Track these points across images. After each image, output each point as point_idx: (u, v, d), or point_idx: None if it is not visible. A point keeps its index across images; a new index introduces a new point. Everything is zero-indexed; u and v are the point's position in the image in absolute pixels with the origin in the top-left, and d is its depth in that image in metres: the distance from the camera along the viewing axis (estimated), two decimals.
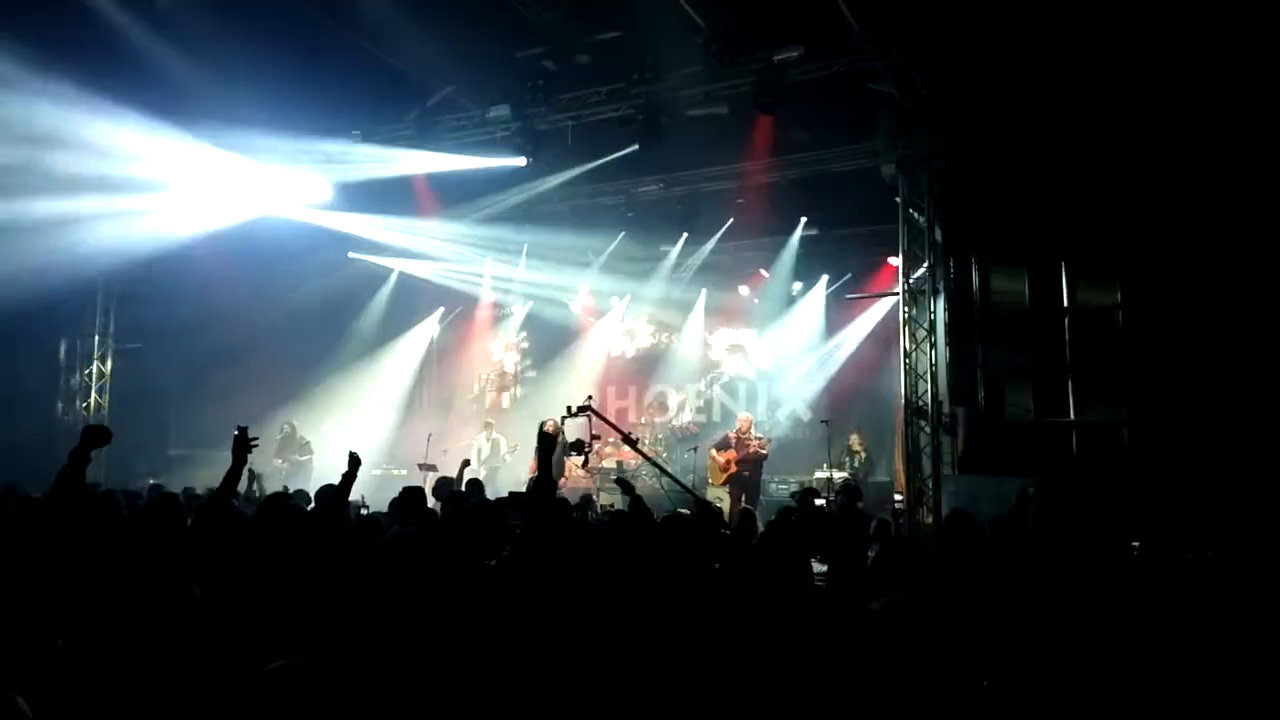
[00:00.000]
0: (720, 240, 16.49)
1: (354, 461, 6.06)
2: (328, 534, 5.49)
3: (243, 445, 5.15)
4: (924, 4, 11.21)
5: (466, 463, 10.59)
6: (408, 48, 11.91)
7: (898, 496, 11.17)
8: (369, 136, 13.96)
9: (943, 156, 11.50)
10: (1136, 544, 6.92)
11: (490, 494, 9.51)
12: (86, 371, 16.39)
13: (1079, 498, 9.90)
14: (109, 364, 16.51)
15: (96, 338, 16.41)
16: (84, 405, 16.23)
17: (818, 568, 5.28)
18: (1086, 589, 4.99)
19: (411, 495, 6.97)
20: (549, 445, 4.75)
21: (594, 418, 8.06)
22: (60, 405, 16.28)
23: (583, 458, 9.34)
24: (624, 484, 7.56)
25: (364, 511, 8.71)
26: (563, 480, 12.78)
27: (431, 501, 8.39)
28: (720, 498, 13.32)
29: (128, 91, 12.16)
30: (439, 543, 4.88)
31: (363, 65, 12.47)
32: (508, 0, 11.18)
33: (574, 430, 11.58)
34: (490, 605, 4.09)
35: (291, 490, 10.33)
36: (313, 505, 7.61)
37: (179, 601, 3.30)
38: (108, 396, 16.41)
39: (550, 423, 10.58)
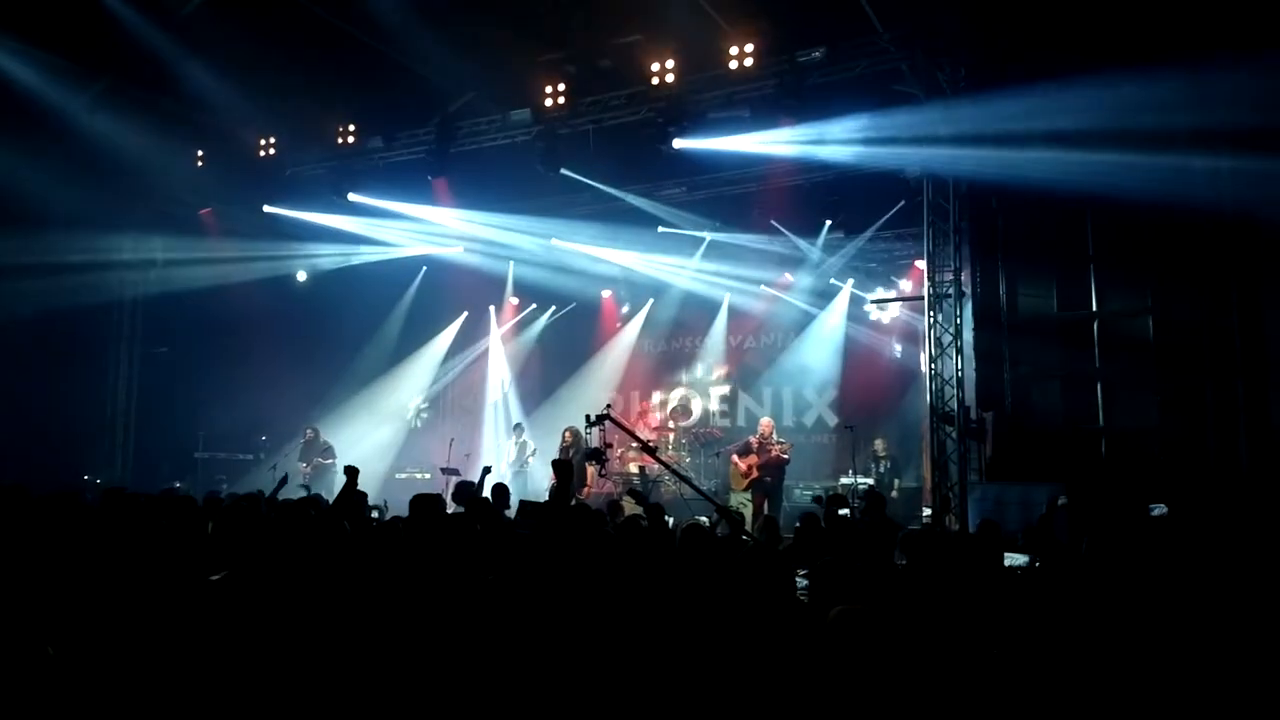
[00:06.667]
0: (745, 244, 16.35)
1: (351, 474, 6.07)
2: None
3: None
4: (948, 4, 11.09)
5: (489, 469, 10.51)
6: (429, 52, 11.91)
7: (926, 510, 10.96)
8: (390, 142, 14.00)
9: (969, 159, 11.30)
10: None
11: (516, 499, 9.46)
12: (114, 375, 16.48)
13: (1110, 504, 9.72)
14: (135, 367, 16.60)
15: (123, 341, 16.49)
16: (111, 408, 16.31)
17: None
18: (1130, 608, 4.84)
19: (423, 503, 6.86)
20: (566, 473, 4.74)
21: (613, 425, 8.00)
22: (88, 407, 16.36)
23: (599, 465, 9.27)
24: (637, 495, 7.51)
25: (375, 514, 8.64)
26: (585, 490, 12.69)
27: (452, 506, 8.35)
28: (743, 503, 13.21)
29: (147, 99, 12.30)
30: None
31: (385, 72, 12.50)
32: (529, 4, 11.17)
33: (596, 436, 11.53)
34: (491, 617, 4.05)
35: (312, 493, 10.36)
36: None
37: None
38: (135, 399, 16.50)
39: (569, 430, 10.59)
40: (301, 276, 18.03)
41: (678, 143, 12.02)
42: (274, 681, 3.69)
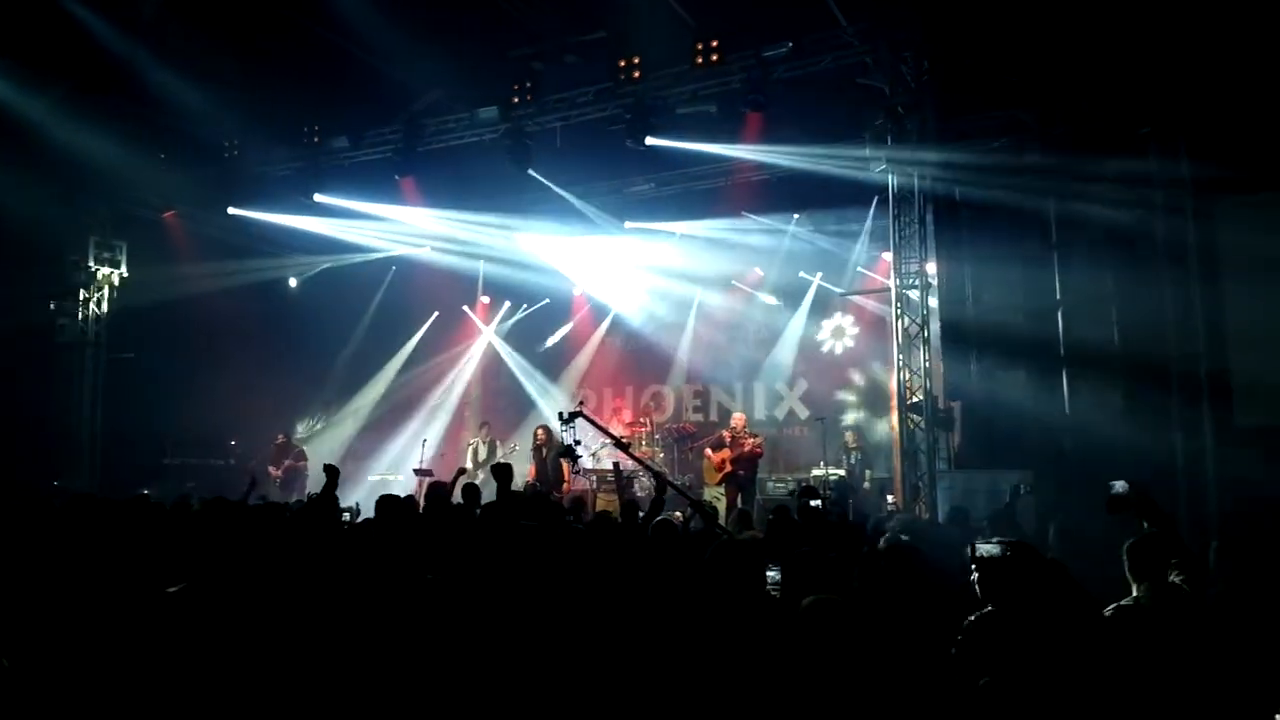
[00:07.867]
0: (714, 237, 16.38)
1: (331, 474, 6.08)
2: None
3: None
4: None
5: (462, 471, 10.52)
6: (394, 51, 11.85)
7: (890, 499, 11.10)
8: (356, 142, 13.93)
9: (933, 151, 11.42)
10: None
11: (487, 497, 9.46)
12: (79, 381, 16.22)
13: (1073, 492, 9.86)
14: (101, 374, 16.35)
15: (88, 347, 16.23)
16: (77, 415, 16.07)
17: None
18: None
19: (388, 504, 6.92)
20: (505, 477, 4.90)
21: (585, 421, 8.04)
22: (54, 414, 16.09)
23: (573, 462, 9.32)
24: (661, 478, 7.66)
25: (347, 516, 8.65)
26: (565, 486, 12.72)
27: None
28: (717, 497, 13.26)
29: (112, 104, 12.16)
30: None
31: (350, 70, 12.43)
32: (494, 1, 11.15)
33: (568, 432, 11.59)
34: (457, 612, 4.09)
35: (290, 498, 10.35)
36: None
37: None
38: (101, 406, 16.26)
39: (541, 428, 10.69)
40: (293, 283, 18.03)
41: (650, 140, 12.09)
42: (250, 684, 3.69)
